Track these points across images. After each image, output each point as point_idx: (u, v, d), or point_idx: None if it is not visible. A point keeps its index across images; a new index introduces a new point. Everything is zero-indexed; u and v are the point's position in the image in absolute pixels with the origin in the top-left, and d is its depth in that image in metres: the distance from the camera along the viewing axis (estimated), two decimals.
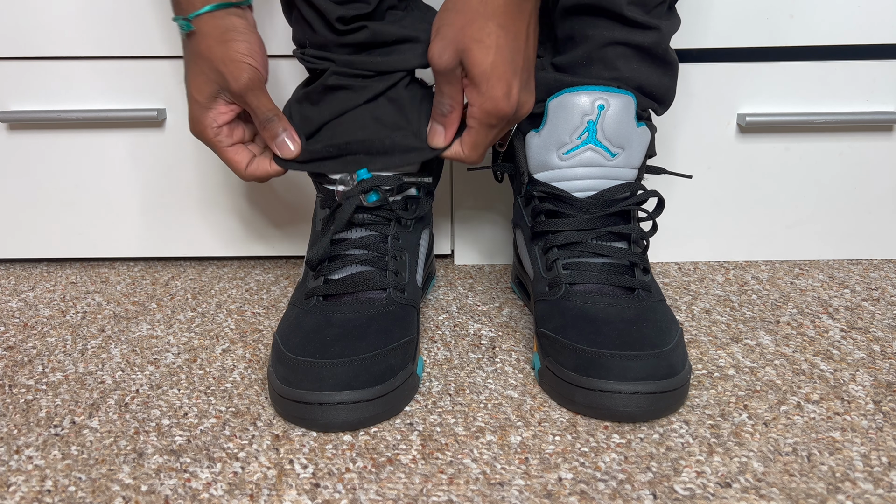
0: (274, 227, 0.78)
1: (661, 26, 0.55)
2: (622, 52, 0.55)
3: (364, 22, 0.53)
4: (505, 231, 0.77)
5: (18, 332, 0.65)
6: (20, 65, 0.72)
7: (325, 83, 0.55)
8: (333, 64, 0.55)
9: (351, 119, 0.55)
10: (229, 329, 0.65)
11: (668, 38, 0.56)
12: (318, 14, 0.53)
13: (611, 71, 0.56)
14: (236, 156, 0.57)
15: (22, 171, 0.76)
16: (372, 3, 0.53)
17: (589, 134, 0.55)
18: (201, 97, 0.54)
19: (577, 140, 0.56)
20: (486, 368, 0.57)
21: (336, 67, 0.55)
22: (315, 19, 0.54)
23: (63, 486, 0.44)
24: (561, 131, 0.56)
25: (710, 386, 0.54)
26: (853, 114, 0.71)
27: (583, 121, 0.55)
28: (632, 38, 0.55)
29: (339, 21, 0.53)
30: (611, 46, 0.55)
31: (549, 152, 0.57)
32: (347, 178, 0.56)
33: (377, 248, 0.56)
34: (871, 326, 0.63)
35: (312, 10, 0.53)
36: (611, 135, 0.55)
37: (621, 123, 0.55)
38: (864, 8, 0.68)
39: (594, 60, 0.56)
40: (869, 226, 0.76)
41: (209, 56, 0.52)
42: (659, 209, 0.59)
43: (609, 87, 0.55)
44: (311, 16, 0.54)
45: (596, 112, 0.55)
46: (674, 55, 0.57)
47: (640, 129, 0.56)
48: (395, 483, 0.44)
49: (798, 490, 0.43)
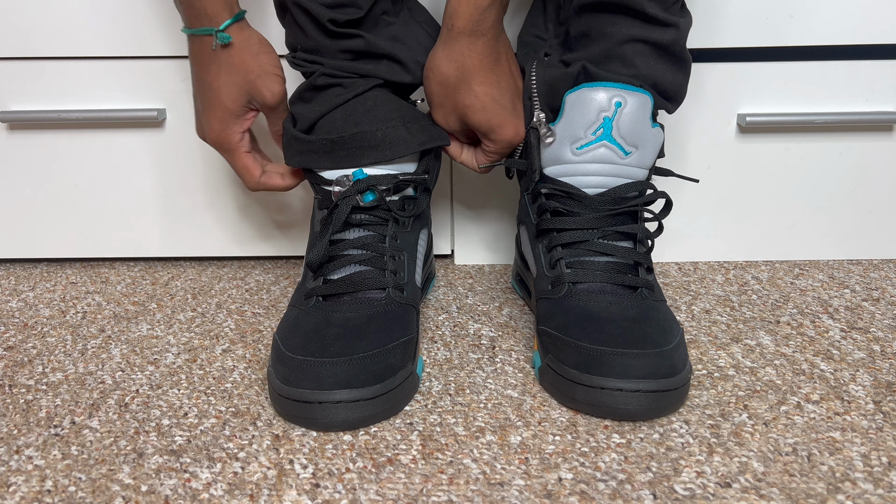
0: (274, 227, 0.78)
1: (679, 23, 0.55)
2: (641, 49, 0.55)
3: (359, 31, 0.55)
4: (505, 231, 0.77)
5: (18, 332, 0.65)
6: (20, 65, 0.72)
7: (313, 83, 0.57)
8: (322, 67, 0.56)
9: (342, 114, 0.56)
10: (229, 329, 0.65)
11: (685, 36, 0.56)
12: (311, 18, 0.54)
13: (629, 68, 0.55)
14: (252, 162, 0.60)
15: (22, 171, 0.76)
16: (364, 8, 0.54)
17: (604, 130, 0.55)
18: (235, 106, 0.57)
19: (591, 136, 0.55)
20: (486, 368, 0.57)
21: (324, 69, 0.56)
22: (307, 23, 0.55)
23: (63, 486, 0.44)
24: (576, 126, 0.55)
25: (710, 386, 0.54)
26: (853, 114, 0.71)
27: (599, 116, 0.55)
28: (651, 36, 0.54)
29: (331, 23, 0.53)
30: (630, 43, 0.55)
31: (563, 146, 0.57)
32: (344, 179, 0.56)
33: (375, 248, 0.56)
34: (871, 326, 0.63)
35: (304, 14, 0.54)
36: (626, 133, 0.55)
37: (637, 122, 0.55)
38: (864, 8, 0.68)
39: (612, 57, 0.56)
40: (869, 226, 0.76)
41: (243, 68, 0.55)
42: (666, 210, 0.58)
43: (628, 84, 0.55)
44: (303, 20, 0.54)
45: (613, 109, 0.54)
46: (688, 53, 0.57)
47: (654, 130, 0.56)
48: (395, 483, 0.44)
49: (798, 490, 0.43)
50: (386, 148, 0.56)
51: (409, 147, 0.56)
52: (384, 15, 0.56)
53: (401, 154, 0.56)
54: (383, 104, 0.56)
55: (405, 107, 0.57)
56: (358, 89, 0.56)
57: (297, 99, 0.58)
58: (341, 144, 0.56)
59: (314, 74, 0.56)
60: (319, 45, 0.55)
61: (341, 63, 0.56)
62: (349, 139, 0.56)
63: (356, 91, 0.56)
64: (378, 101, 0.56)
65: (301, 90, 0.58)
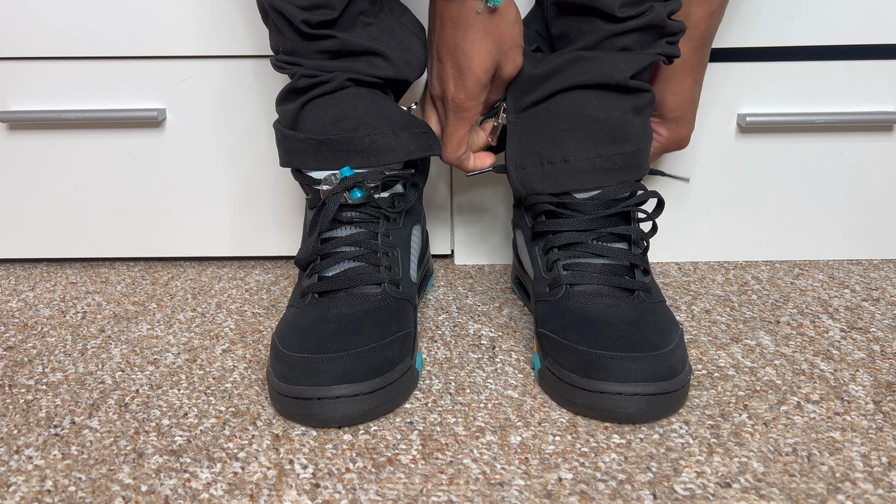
0: (274, 227, 0.78)
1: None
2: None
3: (332, 31, 0.54)
4: (505, 231, 0.77)
5: (18, 332, 0.65)
6: (20, 65, 0.72)
7: (295, 85, 0.56)
8: (301, 68, 0.56)
9: (332, 117, 0.56)
10: (229, 329, 0.65)
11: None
12: (286, 20, 0.54)
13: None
14: (465, 139, 0.59)
15: (22, 171, 0.76)
16: (337, 9, 0.53)
17: None
18: (486, 77, 0.54)
19: None
20: (486, 368, 0.57)
21: (304, 70, 0.56)
22: (284, 26, 0.54)
23: (63, 486, 0.44)
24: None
25: (710, 386, 0.54)
26: (853, 114, 0.71)
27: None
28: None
29: (305, 24, 0.53)
30: (608, 40, 0.55)
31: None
32: (332, 178, 0.57)
33: (368, 245, 0.57)
34: (871, 326, 0.63)
35: (280, 17, 0.54)
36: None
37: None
38: (864, 8, 0.68)
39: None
40: (869, 226, 0.76)
41: (499, 38, 0.53)
42: (659, 210, 0.59)
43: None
44: (280, 22, 0.54)
45: None
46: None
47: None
48: (395, 483, 0.44)
49: (798, 490, 0.43)
50: (372, 154, 0.56)
51: (396, 156, 0.56)
52: (361, 16, 0.56)
53: (386, 162, 0.56)
54: (375, 110, 0.56)
55: (398, 113, 0.57)
56: (335, 84, 0.55)
57: (283, 100, 0.58)
58: (328, 146, 0.56)
59: (295, 77, 0.56)
60: (297, 47, 0.55)
61: (319, 63, 0.56)
62: (336, 142, 0.56)
63: (333, 87, 0.55)
64: (370, 107, 0.56)
65: (284, 92, 0.58)
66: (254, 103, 0.73)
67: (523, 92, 0.57)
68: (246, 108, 0.73)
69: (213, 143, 0.74)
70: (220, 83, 0.72)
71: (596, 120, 0.54)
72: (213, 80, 0.72)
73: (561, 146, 0.55)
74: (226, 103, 0.73)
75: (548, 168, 0.56)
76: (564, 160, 0.55)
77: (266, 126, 0.74)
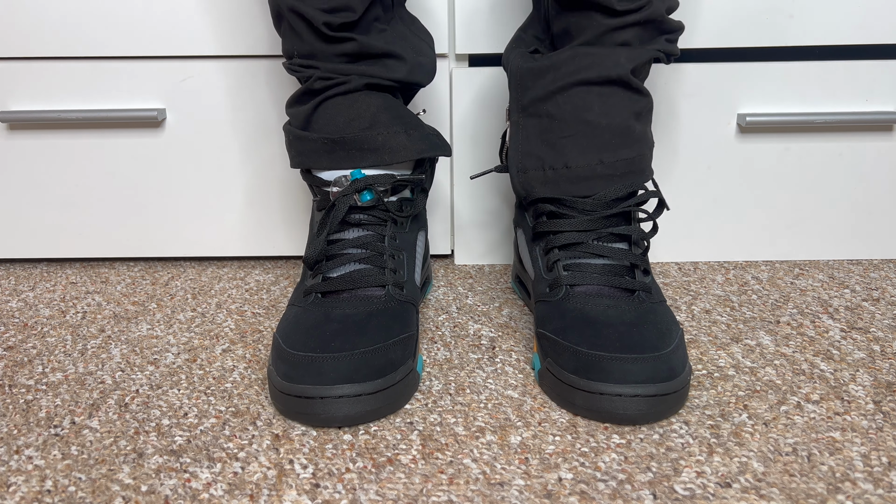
0: (274, 227, 0.78)
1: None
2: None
3: (352, 34, 0.55)
4: (505, 231, 0.78)
5: (18, 332, 0.65)
6: (20, 65, 0.72)
7: (310, 87, 0.57)
8: (318, 70, 0.56)
9: (345, 117, 0.56)
10: (229, 329, 0.65)
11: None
12: (306, 23, 0.54)
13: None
14: None
15: (22, 171, 0.76)
16: (358, 12, 0.54)
17: None
18: None
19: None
20: (486, 368, 0.57)
21: (320, 73, 0.56)
22: (303, 28, 0.55)
23: (63, 486, 0.44)
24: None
25: (710, 386, 0.54)
26: (853, 114, 0.71)
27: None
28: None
29: (326, 26, 0.53)
30: (608, 34, 0.55)
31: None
32: (342, 179, 0.57)
33: (375, 248, 0.57)
34: (871, 326, 0.63)
35: (300, 20, 0.54)
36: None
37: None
38: (864, 8, 0.68)
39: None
40: (869, 226, 0.76)
41: None
42: (659, 210, 0.59)
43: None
44: (300, 25, 0.55)
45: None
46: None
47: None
48: (395, 483, 0.44)
49: (798, 490, 0.43)
50: (385, 153, 0.56)
51: (409, 153, 0.57)
52: (376, 22, 0.57)
53: (399, 160, 0.57)
54: (387, 110, 0.57)
55: (408, 115, 0.58)
56: (350, 86, 0.56)
57: (295, 102, 0.59)
58: (342, 145, 0.56)
59: (311, 79, 0.57)
60: (315, 50, 0.56)
61: (337, 66, 0.56)
62: (350, 141, 0.56)
63: (349, 88, 0.56)
64: (383, 107, 0.57)
65: (297, 95, 0.58)
66: (254, 103, 0.73)
67: (523, 87, 0.57)
68: (246, 108, 0.73)
69: (214, 143, 0.74)
70: (219, 83, 0.72)
71: (597, 126, 0.55)
72: (213, 80, 0.72)
73: (563, 152, 0.56)
74: (226, 103, 0.73)
75: (549, 173, 0.56)
76: (566, 166, 0.56)
77: (266, 126, 0.74)
